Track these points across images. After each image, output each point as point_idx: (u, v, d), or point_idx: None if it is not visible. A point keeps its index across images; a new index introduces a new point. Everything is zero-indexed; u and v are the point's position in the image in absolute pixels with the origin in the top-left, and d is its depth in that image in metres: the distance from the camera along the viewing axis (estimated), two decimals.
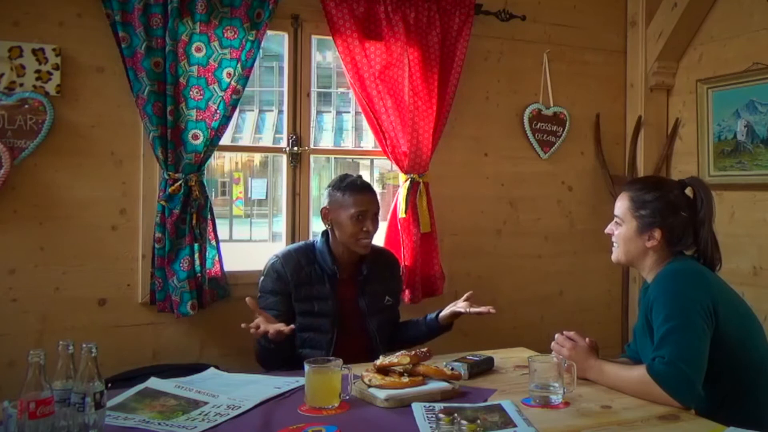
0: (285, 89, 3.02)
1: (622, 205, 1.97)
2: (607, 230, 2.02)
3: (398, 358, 1.84)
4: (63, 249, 2.61)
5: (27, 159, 2.53)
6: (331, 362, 1.72)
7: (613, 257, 2.02)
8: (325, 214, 2.39)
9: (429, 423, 1.55)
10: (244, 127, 15.27)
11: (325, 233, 2.44)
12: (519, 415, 1.59)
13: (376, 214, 2.42)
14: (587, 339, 1.98)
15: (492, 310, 2.31)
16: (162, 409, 1.68)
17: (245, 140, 14.38)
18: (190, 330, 2.79)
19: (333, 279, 2.37)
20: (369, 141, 3.42)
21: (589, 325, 3.33)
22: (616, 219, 1.99)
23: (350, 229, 2.35)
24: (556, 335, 2.01)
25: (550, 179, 3.53)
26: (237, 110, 2.83)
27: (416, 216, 3.03)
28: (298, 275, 2.34)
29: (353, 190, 2.37)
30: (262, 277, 2.41)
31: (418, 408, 1.65)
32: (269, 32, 2.87)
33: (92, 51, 2.63)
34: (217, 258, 2.78)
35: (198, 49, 2.68)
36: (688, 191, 1.96)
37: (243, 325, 2.12)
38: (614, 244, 2.00)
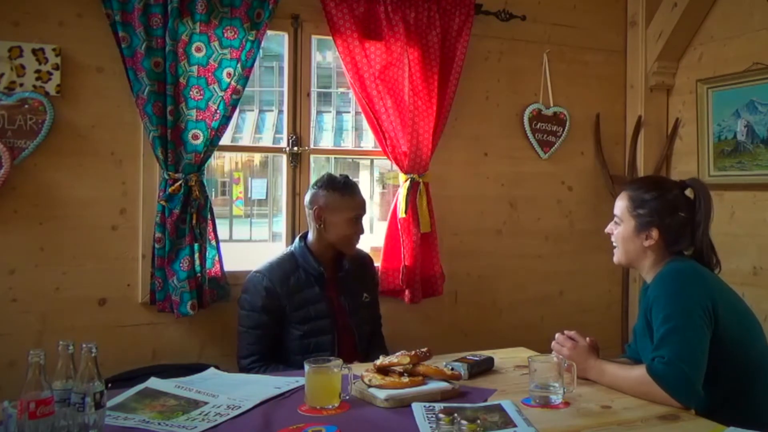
0: (285, 89, 3.02)
1: (621, 204, 1.97)
2: (607, 230, 2.02)
3: (398, 358, 1.85)
4: (63, 249, 2.61)
5: (27, 159, 2.53)
6: (331, 362, 1.72)
7: (615, 258, 2.02)
8: (319, 215, 2.38)
9: (429, 423, 1.55)
10: (244, 127, 15.25)
11: (302, 237, 2.46)
12: (519, 415, 1.59)
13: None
14: (588, 339, 1.98)
15: None
16: (162, 409, 1.68)
17: (245, 140, 14.36)
18: (190, 330, 2.79)
19: (320, 280, 2.39)
20: (369, 141, 3.42)
21: (589, 325, 3.31)
22: (615, 219, 1.99)
23: (346, 230, 2.39)
24: (557, 335, 2.01)
25: (550, 179, 3.53)
26: (237, 110, 2.82)
27: (416, 216, 3.03)
28: (288, 285, 2.35)
29: (350, 192, 2.41)
30: (245, 294, 2.39)
31: (418, 408, 1.65)
32: (269, 32, 2.86)
33: (92, 51, 2.63)
34: (217, 258, 2.78)
35: (198, 49, 2.68)
36: (689, 192, 1.96)
37: None
38: (614, 245, 2.01)
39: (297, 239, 2.48)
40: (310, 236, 2.44)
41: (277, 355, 2.36)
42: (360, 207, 2.43)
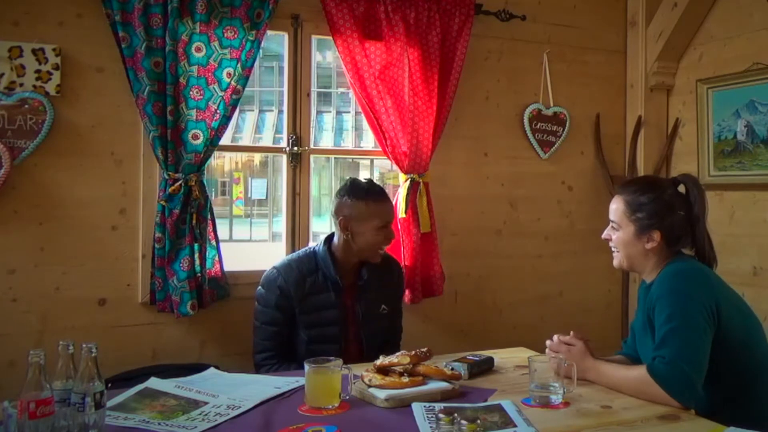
0: (285, 89, 3.02)
1: (617, 209, 1.95)
2: (604, 236, 2.00)
3: (398, 358, 1.85)
4: (63, 249, 2.61)
5: (27, 159, 2.52)
6: (331, 362, 1.72)
7: (615, 263, 2.00)
8: (345, 225, 2.30)
9: (429, 423, 1.55)
10: (244, 127, 15.26)
11: (327, 239, 2.40)
12: (519, 415, 1.59)
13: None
14: (582, 340, 1.96)
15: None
16: (162, 409, 1.68)
17: (245, 140, 14.39)
18: (190, 330, 2.79)
19: (336, 286, 2.34)
20: (369, 141, 3.42)
21: (589, 325, 3.32)
22: (612, 224, 1.97)
23: (374, 239, 2.31)
24: (548, 342, 1.99)
25: (550, 179, 3.53)
26: (237, 110, 2.82)
27: (416, 216, 3.03)
28: (302, 288, 2.30)
29: (376, 199, 2.32)
30: (261, 289, 2.37)
31: (418, 408, 1.65)
32: (269, 32, 2.86)
33: (92, 51, 2.63)
34: (217, 258, 2.78)
35: (198, 49, 2.68)
36: (681, 188, 1.96)
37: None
38: (614, 250, 1.99)
39: (322, 240, 2.40)
40: (336, 241, 2.36)
41: (292, 353, 2.32)
42: (388, 213, 2.34)
